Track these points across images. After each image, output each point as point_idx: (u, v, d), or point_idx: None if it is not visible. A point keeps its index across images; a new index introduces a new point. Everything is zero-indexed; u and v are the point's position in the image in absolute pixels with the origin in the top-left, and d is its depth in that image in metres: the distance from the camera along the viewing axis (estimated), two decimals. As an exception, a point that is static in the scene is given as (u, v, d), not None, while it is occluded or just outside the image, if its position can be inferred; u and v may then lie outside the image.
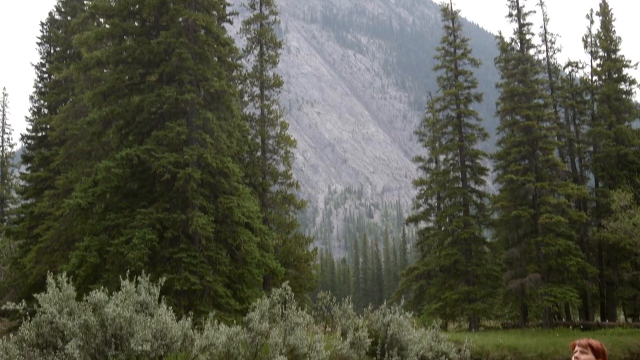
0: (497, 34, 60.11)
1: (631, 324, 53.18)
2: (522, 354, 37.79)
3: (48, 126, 52.58)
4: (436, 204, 61.28)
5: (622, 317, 63.58)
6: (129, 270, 25.61)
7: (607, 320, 54.06)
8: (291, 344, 25.29)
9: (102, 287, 24.55)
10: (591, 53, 60.58)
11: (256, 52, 55.55)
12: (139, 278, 24.84)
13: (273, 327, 25.95)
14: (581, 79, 61.96)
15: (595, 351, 5.14)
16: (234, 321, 27.08)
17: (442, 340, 35.87)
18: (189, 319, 24.38)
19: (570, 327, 50.94)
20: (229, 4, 45.10)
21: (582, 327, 51.35)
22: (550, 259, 50.48)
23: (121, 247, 33.49)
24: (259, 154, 53.60)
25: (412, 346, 32.78)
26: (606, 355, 5.19)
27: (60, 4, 55.05)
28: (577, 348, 5.19)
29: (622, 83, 58.73)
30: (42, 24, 56.63)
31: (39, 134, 55.61)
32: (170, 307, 24.27)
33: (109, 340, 22.58)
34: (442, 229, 58.80)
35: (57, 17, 55.62)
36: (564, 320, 57.42)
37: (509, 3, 58.25)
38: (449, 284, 55.64)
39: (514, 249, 52.52)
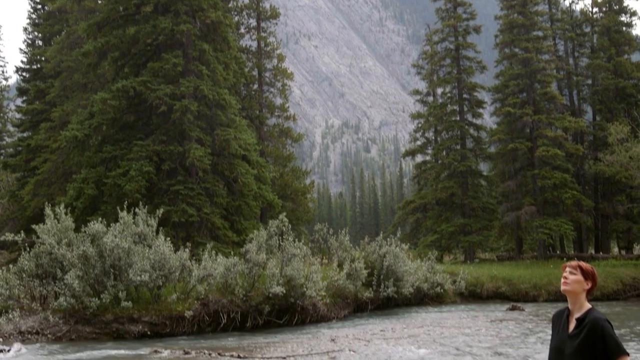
0: (497, -35, 59.10)
1: (624, 256, 53.75)
2: (516, 285, 38.25)
3: (43, 58, 52.09)
4: (433, 138, 61.21)
5: (615, 250, 64.20)
6: (126, 202, 25.70)
7: (600, 253, 54.61)
8: (288, 275, 25.56)
9: (100, 219, 24.75)
10: (592, -16, 59.75)
11: (252, -18, 54.74)
12: (137, 210, 25.01)
13: (270, 258, 26.21)
14: (581, 11, 61.23)
15: (584, 273, 5.16)
16: (232, 252, 27.34)
17: (437, 271, 36.34)
18: (187, 250, 24.61)
19: (564, 259, 51.37)
20: None
21: (576, 259, 51.55)
22: (546, 192, 50.70)
23: (118, 179, 33.53)
24: (255, 86, 53.31)
25: (407, 277, 33.22)
26: (596, 279, 5.19)
27: None
28: (567, 269, 5.21)
29: (623, 15, 58.01)
30: (34, -46, 55.58)
31: (34, 66, 55.09)
32: (168, 239, 24.51)
33: (107, 271, 22.82)
34: (439, 162, 58.82)
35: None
36: (558, 252, 57.98)
37: None
38: (445, 217, 55.99)
39: (510, 182, 52.68)
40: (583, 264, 5.23)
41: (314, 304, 26.64)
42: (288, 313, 25.80)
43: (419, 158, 64.61)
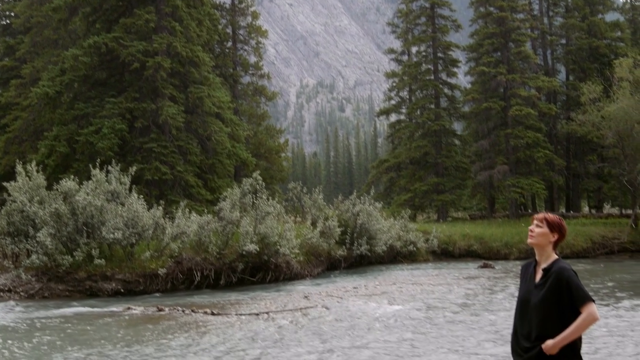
0: None
1: (594, 215, 54.40)
2: (488, 243, 38.65)
3: (12, 14, 51.15)
4: (407, 97, 61.16)
5: (586, 209, 64.96)
6: (99, 160, 25.55)
7: (571, 212, 55.23)
8: (262, 233, 25.61)
9: (72, 177, 24.56)
10: (568, -59, 59.48)
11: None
12: (110, 168, 24.85)
13: (244, 216, 26.22)
14: (556, -31, 61.06)
15: (550, 225, 5.18)
16: (205, 211, 27.34)
17: (410, 230, 36.59)
18: (160, 208, 24.56)
19: (536, 217, 51.93)
20: None
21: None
22: (519, 151, 51.04)
23: (91, 136, 33.25)
24: (229, 44, 52.79)
25: (381, 235, 33.43)
26: (563, 231, 5.20)
27: None
28: (534, 221, 5.26)
29: (597, -26, 58.00)
30: None
31: (3, 22, 54.07)
32: (141, 197, 24.43)
33: (80, 229, 22.74)
34: (413, 121, 58.89)
35: None
36: (530, 211, 58.57)
37: None
38: (419, 176, 56.21)
39: (483, 141, 52.92)
40: (550, 215, 5.26)
41: (288, 261, 26.75)
42: (262, 271, 25.90)
43: (393, 117, 64.58)
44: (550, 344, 4.86)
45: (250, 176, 28.49)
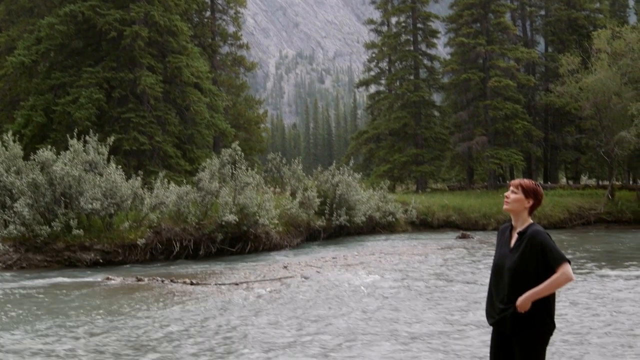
0: None
1: (572, 186, 54.91)
2: (466, 214, 38.95)
3: (-14, -18, 50.19)
4: (387, 68, 61.06)
5: (563, 180, 65.48)
6: (76, 130, 25.34)
7: (549, 183, 55.61)
8: (241, 203, 25.61)
9: (49, 147, 24.36)
10: None
11: None
12: (87, 138, 24.65)
13: (223, 186, 26.20)
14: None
15: (525, 191, 5.21)
16: (184, 181, 27.25)
17: (389, 200, 36.76)
18: (139, 178, 24.46)
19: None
20: None
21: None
22: (498, 123, 51.23)
23: (68, 106, 32.96)
24: (208, 13, 52.24)
25: (360, 206, 33.56)
26: (538, 196, 5.21)
27: None
28: (510, 188, 5.28)
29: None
30: None
31: (-24, -9, 53.12)
32: (120, 167, 24.30)
33: (58, 199, 22.61)
34: (392, 92, 58.88)
35: None
36: (508, 182, 58.83)
37: None
38: (398, 147, 56.30)
39: (462, 112, 53.05)
40: (525, 181, 5.28)
41: (267, 232, 26.81)
42: (241, 241, 25.94)
43: (373, 88, 64.54)
44: (522, 299, 4.92)
45: (229, 147, 28.41)
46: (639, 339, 10.43)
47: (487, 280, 5.49)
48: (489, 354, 5.36)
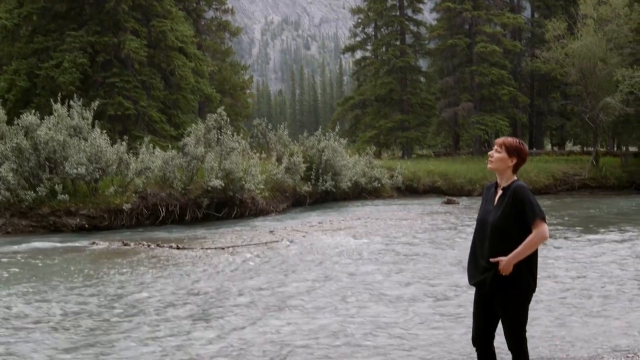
0: None
1: (557, 152, 55.16)
2: (452, 180, 39.06)
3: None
4: (373, 33, 60.78)
5: (548, 146, 65.74)
6: (60, 95, 25.08)
7: (534, 149, 55.82)
8: (227, 169, 25.56)
9: (33, 112, 24.17)
10: None
11: None
12: (71, 102, 24.47)
13: (208, 152, 26.11)
14: None
15: (508, 149, 5.20)
16: (170, 146, 27.16)
17: (375, 166, 36.78)
18: (124, 143, 24.34)
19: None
20: None
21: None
22: (484, 88, 51.25)
23: (51, 70, 32.67)
24: (192, -23, 51.72)
25: (345, 172, 33.58)
26: (522, 154, 5.18)
27: None
28: (494, 147, 5.28)
29: None
30: None
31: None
32: (105, 132, 24.15)
33: (42, 164, 22.48)
34: (378, 58, 58.70)
35: None
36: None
37: None
38: (384, 113, 56.28)
39: (448, 78, 53.03)
40: (508, 140, 5.27)
41: (253, 197, 26.81)
42: (227, 206, 25.94)
43: (359, 54, 64.25)
44: (503, 262, 4.95)
45: (214, 112, 28.29)
46: (616, 300, 10.57)
47: (469, 242, 5.52)
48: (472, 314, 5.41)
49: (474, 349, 5.39)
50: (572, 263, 14.18)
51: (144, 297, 11.21)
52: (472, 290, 5.33)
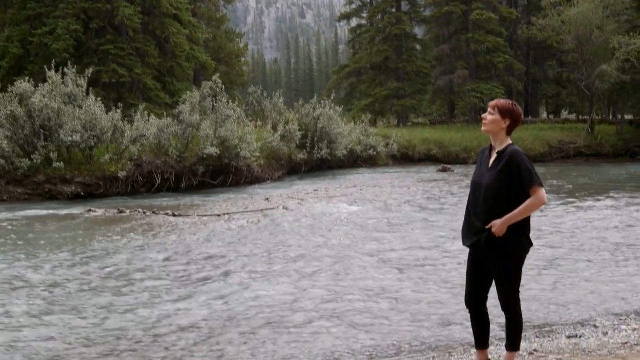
0: None
1: (552, 120, 55.15)
2: (447, 148, 39.06)
3: None
4: (369, 1, 60.34)
5: (544, 115, 65.69)
6: (54, 62, 24.94)
7: (530, 117, 55.73)
8: (222, 136, 25.54)
9: (27, 79, 24.05)
10: None
11: None
12: (66, 70, 24.36)
13: (204, 119, 26.07)
14: None
15: (502, 111, 5.18)
16: (165, 114, 27.10)
17: (370, 134, 36.76)
18: (119, 111, 24.27)
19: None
20: None
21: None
22: (479, 56, 51.04)
23: (45, 37, 32.46)
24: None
25: (341, 140, 33.56)
26: (515, 116, 5.16)
27: None
28: (488, 109, 5.27)
29: None
30: None
31: None
32: (99, 100, 24.06)
33: (37, 132, 22.45)
34: (374, 25, 58.34)
35: None
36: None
37: None
38: (379, 81, 56.09)
39: (444, 46, 52.77)
40: (501, 102, 5.26)
41: (249, 165, 26.81)
42: (223, 174, 25.95)
43: (354, 22, 63.86)
44: (497, 224, 4.97)
45: (209, 80, 28.17)
46: (609, 265, 10.66)
47: (463, 210, 5.53)
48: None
49: (467, 311, 5.43)
50: (565, 229, 14.26)
51: (139, 264, 11.26)
52: (465, 256, 5.36)
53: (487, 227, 5.01)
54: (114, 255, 11.94)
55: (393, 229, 14.66)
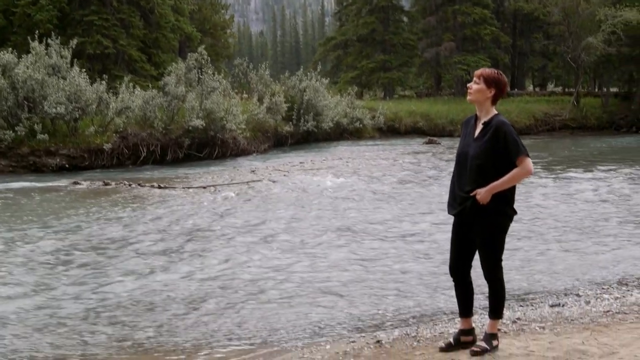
0: None
1: (538, 93, 55.22)
2: (433, 120, 39.08)
3: None
4: (355, -28, 59.89)
5: (530, 87, 65.76)
6: (37, 33, 24.66)
7: (516, 89, 55.81)
8: (208, 108, 25.44)
9: (10, 50, 23.81)
10: None
11: None
12: (49, 41, 24.10)
13: (189, 91, 25.93)
14: None
15: (487, 80, 5.15)
16: (150, 86, 26.91)
17: (357, 107, 36.71)
18: (104, 83, 24.09)
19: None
20: None
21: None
22: (466, 28, 50.90)
23: (28, 8, 32.10)
24: None
25: (327, 112, 33.51)
26: (501, 85, 5.12)
27: None
28: (473, 79, 5.25)
29: None
30: None
31: None
32: (84, 71, 23.87)
33: (21, 103, 22.28)
34: (361, -4, 57.99)
35: None
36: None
37: None
38: (366, 53, 55.90)
39: (430, 17, 52.59)
40: (486, 71, 5.23)
41: (234, 137, 26.74)
42: (208, 146, 25.89)
43: (341, -7, 63.42)
44: (482, 191, 4.98)
45: (195, 52, 27.97)
46: (592, 235, 10.75)
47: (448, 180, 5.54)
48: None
49: (452, 280, 5.46)
50: (549, 200, 14.35)
51: (124, 235, 11.25)
52: (450, 227, 5.38)
53: (471, 195, 5.02)
54: (99, 227, 11.91)
55: (379, 200, 14.69)
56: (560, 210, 13.19)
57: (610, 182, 17.26)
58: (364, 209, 13.49)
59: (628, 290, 7.54)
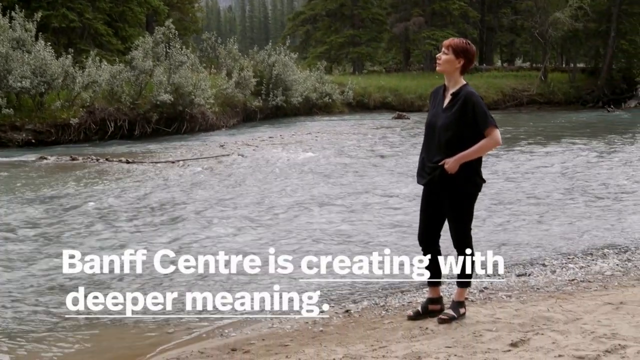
0: None
1: (506, 68, 55.49)
2: (402, 95, 39.17)
3: None
4: (325, -54, 59.50)
5: (498, 63, 66.06)
6: (1, 6, 24.21)
7: (484, 65, 56.00)
8: (176, 83, 25.27)
9: (-28, 23, 23.36)
10: None
11: None
12: (13, 14, 23.68)
13: (157, 65, 25.69)
14: None
15: (455, 50, 5.16)
16: (117, 60, 26.59)
17: (326, 82, 36.66)
18: (70, 57, 23.75)
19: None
20: None
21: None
22: (434, 3, 50.91)
23: (-10, -19, 31.46)
24: None
25: (296, 87, 33.43)
26: (469, 55, 5.12)
27: None
28: (442, 49, 5.24)
29: None
30: None
31: None
32: (49, 45, 23.52)
33: (-15, 76, 21.89)
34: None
35: None
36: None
37: None
38: (335, 28, 55.72)
39: (400, -8, 52.51)
40: (455, 41, 5.23)
41: (203, 112, 26.59)
42: (177, 121, 25.74)
43: (310, -33, 63.02)
44: (450, 161, 5.01)
45: (162, 26, 27.65)
46: (558, 207, 10.89)
47: (416, 157, 5.57)
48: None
49: (420, 249, 5.51)
50: (517, 173, 14.51)
51: (92, 209, 11.15)
52: (419, 199, 5.42)
53: (440, 164, 5.05)
54: (66, 202, 11.80)
55: (350, 173, 14.73)
56: (527, 182, 13.34)
57: (574, 154, 17.48)
58: (333, 182, 13.52)
59: (593, 260, 7.68)
